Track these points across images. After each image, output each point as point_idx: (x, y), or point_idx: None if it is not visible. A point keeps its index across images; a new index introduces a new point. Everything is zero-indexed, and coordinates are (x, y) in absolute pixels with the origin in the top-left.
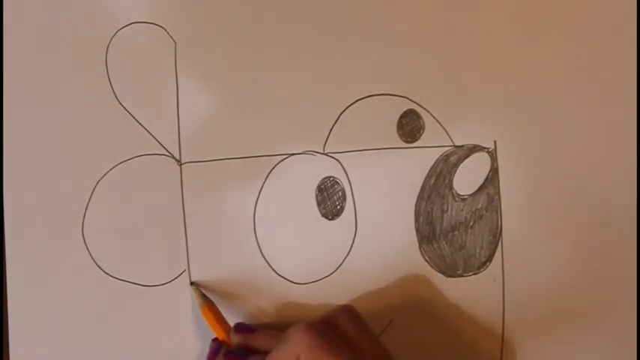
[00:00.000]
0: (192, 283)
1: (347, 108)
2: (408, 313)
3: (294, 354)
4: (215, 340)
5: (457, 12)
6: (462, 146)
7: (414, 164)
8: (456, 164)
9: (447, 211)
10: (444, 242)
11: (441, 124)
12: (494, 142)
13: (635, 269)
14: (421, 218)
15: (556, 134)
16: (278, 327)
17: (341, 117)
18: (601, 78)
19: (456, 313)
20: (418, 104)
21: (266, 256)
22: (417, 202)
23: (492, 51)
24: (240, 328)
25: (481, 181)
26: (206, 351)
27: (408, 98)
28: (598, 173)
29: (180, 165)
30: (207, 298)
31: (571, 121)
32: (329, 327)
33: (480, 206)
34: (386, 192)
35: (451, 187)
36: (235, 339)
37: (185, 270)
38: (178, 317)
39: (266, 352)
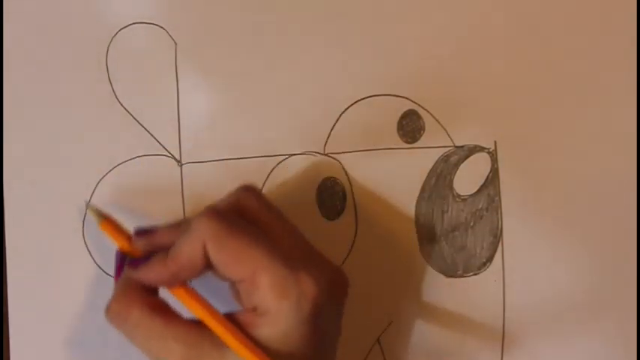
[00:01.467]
0: (88, 204)
1: (347, 108)
2: (408, 314)
3: (200, 241)
4: (118, 251)
5: (457, 12)
6: (462, 147)
7: (415, 165)
8: (457, 165)
9: (448, 211)
10: (444, 242)
11: (441, 125)
12: (495, 142)
13: (635, 269)
14: (421, 219)
15: (556, 134)
16: (181, 221)
17: (341, 117)
18: (601, 78)
19: (457, 313)
20: (418, 104)
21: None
22: (417, 202)
23: (493, 51)
24: (140, 231)
25: (481, 181)
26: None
27: (408, 98)
28: (598, 173)
29: (181, 165)
30: (104, 214)
31: (571, 121)
32: (234, 209)
33: (480, 206)
34: (386, 192)
35: (451, 188)
36: (138, 244)
37: None
38: None
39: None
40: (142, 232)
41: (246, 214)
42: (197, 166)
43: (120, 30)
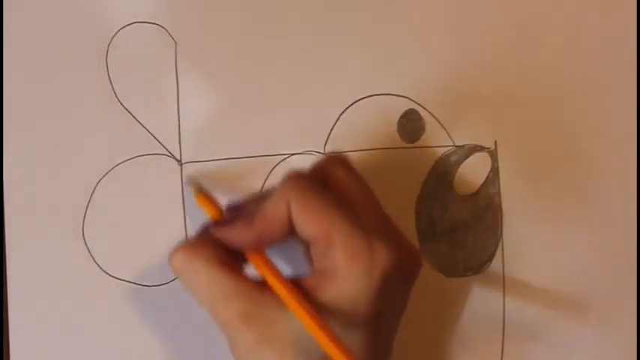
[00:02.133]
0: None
1: (347, 108)
2: (408, 313)
3: (284, 199)
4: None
5: (457, 12)
6: (462, 146)
7: (415, 164)
8: (457, 164)
9: (448, 211)
10: (444, 242)
11: (441, 124)
12: (495, 142)
13: (635, 269)
14: (421, 218)
15: (556, 134)
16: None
17: (341, 117)
18: (601, 78)
19: (456, 312)
20: (419, 104)
21: (266, 256)
22: (417, 201)
23: (493, 51)
24: (231, 206)
25: (482, 180)
26: (205, 350)
27: (408, 98)
28: (598, 173)
29: (181, 165)
30: (202, 187)
31: (571, 121)
32: (320, 174)
33: (480, 206)
34: (386, 192)
35: (452, 187)
36: (228, 216)
37: None
38: (178, 317)
39: None
40: (233, 206)
41: (331, 181)
42: (197, 166)
43: (120, 29)
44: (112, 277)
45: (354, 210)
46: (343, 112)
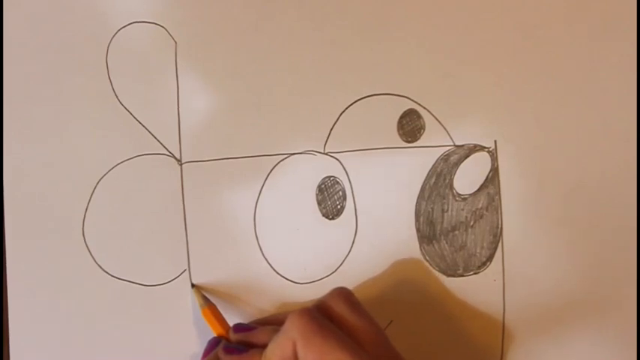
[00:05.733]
0: (193, 286)
1: (347, 108)
2: (408, 313)
3: (290, 340)
4: (214, 337)
5: (457, 12)
6: (462, 146)
7: (415, 164)
8: (457, 164)
9: (448, 210)
10: (444, 242)
11: (441, 124)
12: (495, 141)
13: (635, 269)
14: (421, 218)
15: (556, 134)
16: (276, 320)
17: (341, 117)
18: (601, 78)
19: (457, 312)
20: (418, 104)
21: (266, 256)
22: (417, 201)
23: (492, 51)
24: (239, 327)
25: (481, 180)
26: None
27: (408, 98)
28: (598, 173)
29: (181, 165)
30: (208, 300)
31: (571, 121)
32: (324, 312)
33: (480, 206)
34: (386, 192)
35: (451, 187)
36: (234, 337)
37: (185, 270)
38: (178, 317)
39: (265, 347)
40: (241, 329)
41: (334, 317)
42: (197, 166)
43: (120, 29)
44: (112, 276)
45: (361, 347)
46: (343, 112)
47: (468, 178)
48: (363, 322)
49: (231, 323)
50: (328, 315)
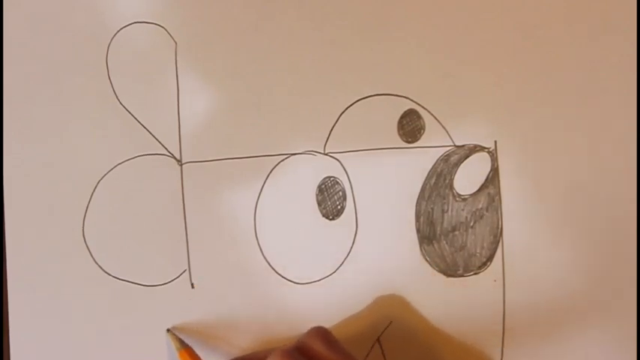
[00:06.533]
0: (168, 330)
1: (347, 108)
2: (408, 313)
3: None
4: None
5: (457, 12)
6: (462, 146)
7: (415, 164)
8: (457, 164)
9: (448, 211)
10: (444, 242)
11: (441, 124)
12: (495, 142)
13: (635, 269)
14: (421, 218)
15: (556, 134)
16: (255, 358)
17: (341, 117)
18: (601, 78)
19: (457, 313)
20: (418, 104)
21: (266, 256)
22: (417, 202)
23: (493, 51)
24: None
25: (482, 181)
26: (205, 350)
27: (408, 98)
28: (598, 173)
29: (181, 165)
30: (184, 343)
31: (571, 121)
32: (303, 352)
33: (480, 206)
34: (386, 192)
35: (452, 187)
36: None
37: (185, 270)
38: (178, 317)
39: None
40: None
41: (314, 357)
42: (197, 166)
43: (120, 29)
44: (113, 276)
45: None
46: (343, 112)
47: (468, 178)
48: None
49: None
50: (307, 355)
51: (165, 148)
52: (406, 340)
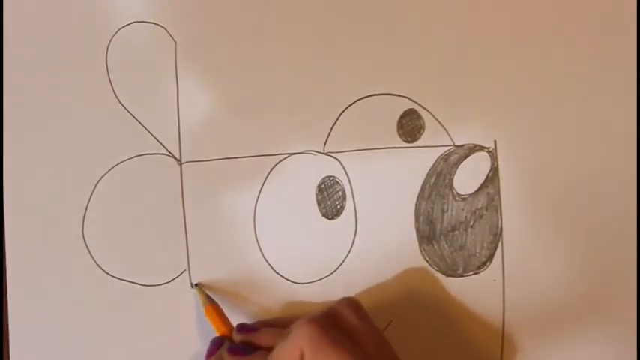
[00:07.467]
0: (194, 285)
1: (347, 108)
2: (408, 313)
3: (298, 347)
4: (217, 337)
5: (457, 12)
6: (462, 146)
7: (414, 164)
8: (456, 164)
9: (447, 210)
10: (444, 242)
11: (441, 124)
12: (495, 141)
13: (635, 269)
14: (421, 218)
15: (556, 134)
16: (280, 323)
17: (341, 117)
18: (601, 78)
19: (456, 312)
20: (418, 104)
21: (266, 256)
22: (417, 201)
23: (492, 51)
24: (242, 327)
25: (481, 180)
26: (204, 350)
27: (408, 98)
28: (598, 173)
29: (181, 165)
30: (211, 298)
31: (571, 121)
32: (331, 320)
33: (480, 206)
34: (386, 191)
35: (451, 187)
36: (238, 337)
37: (185, 270)
38: (178, 317)
39: (269, 349)
40: (244, 329)
41: (342, 325)
42: (197, 166)
43: (120, 29)
44: (112, 276)
45: (366, 356)
46: (343, 112)
47: (467, 178)
48: (371, 332)
49: (233, 322)
50: (337, 322)
51: (165, 148)
52: (406, 340)
